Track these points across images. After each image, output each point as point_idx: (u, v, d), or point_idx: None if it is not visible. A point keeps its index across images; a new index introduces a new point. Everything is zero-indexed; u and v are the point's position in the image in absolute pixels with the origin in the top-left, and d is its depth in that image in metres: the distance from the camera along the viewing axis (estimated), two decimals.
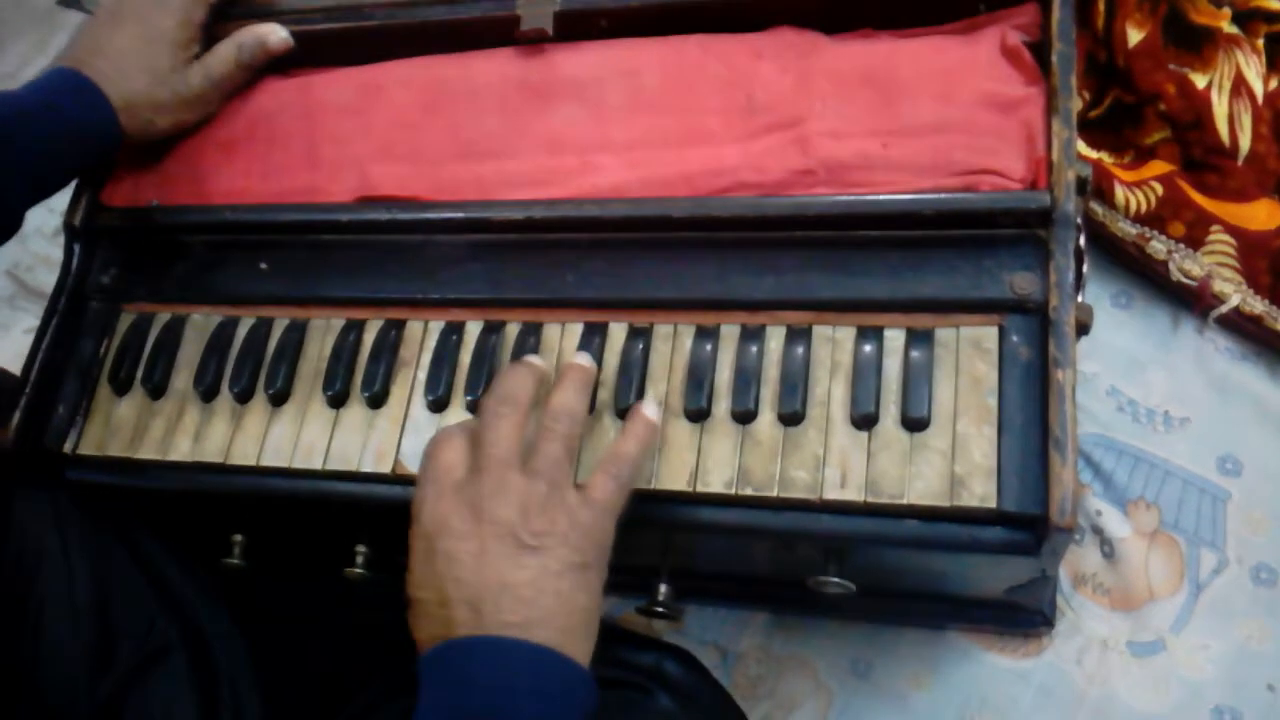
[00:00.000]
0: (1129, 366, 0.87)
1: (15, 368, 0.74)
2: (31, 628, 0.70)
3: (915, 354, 0.60)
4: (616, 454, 0.57)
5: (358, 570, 0.71)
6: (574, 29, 0.73)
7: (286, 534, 0.77)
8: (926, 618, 0.81)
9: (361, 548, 0.71)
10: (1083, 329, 0.59)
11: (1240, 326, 0.85)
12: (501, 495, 0.53)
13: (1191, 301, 0.86)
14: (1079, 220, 0.61)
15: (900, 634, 0.83)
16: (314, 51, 0.78)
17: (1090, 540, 0.83)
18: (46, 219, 1.21)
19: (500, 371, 0.60)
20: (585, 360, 0.61)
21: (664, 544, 0.68)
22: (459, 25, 0.75)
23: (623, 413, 0.62)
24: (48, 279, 1.19)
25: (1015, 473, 0.56)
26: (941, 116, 0.64)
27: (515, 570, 0.51)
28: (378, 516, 0.69)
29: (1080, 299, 0.60)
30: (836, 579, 0.62)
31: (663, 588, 0.68)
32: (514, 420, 0.56)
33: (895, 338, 0.61)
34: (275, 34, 0.77)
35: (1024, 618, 0.78)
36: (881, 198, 0.63)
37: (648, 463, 0.61)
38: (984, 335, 0.60)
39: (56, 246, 1.17)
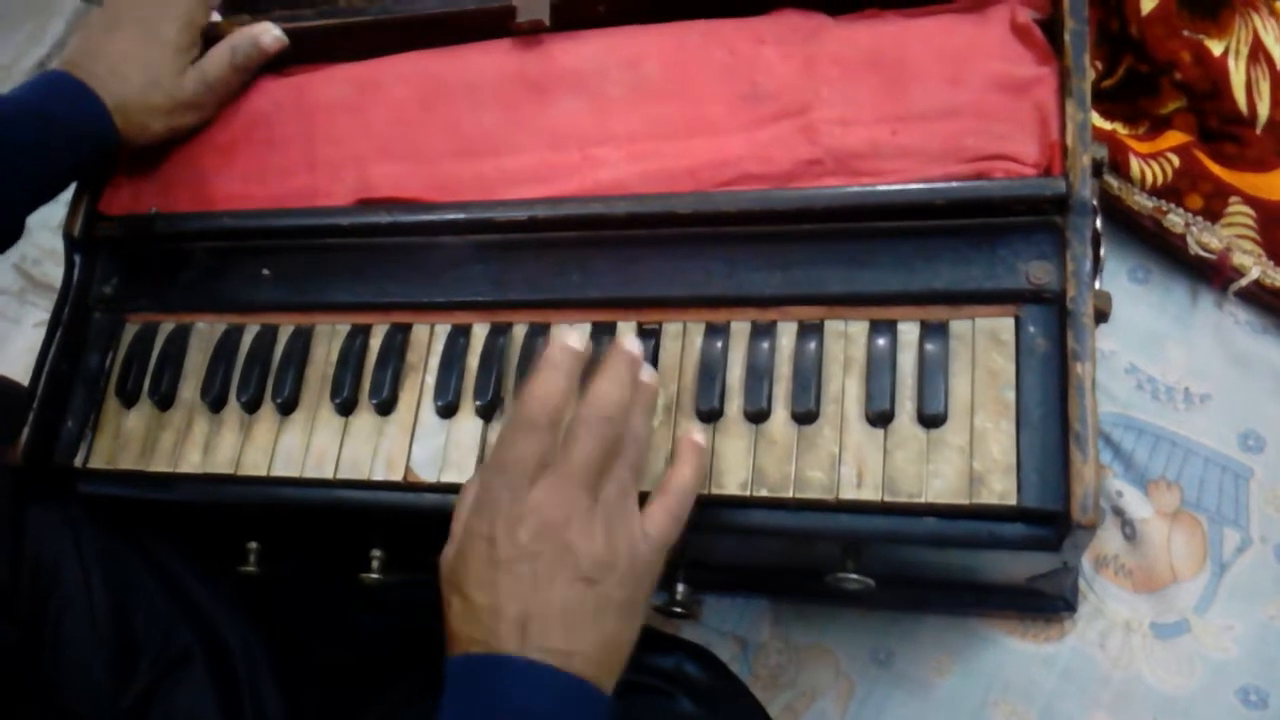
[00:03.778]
0: (1147, 343, 0.86)
1: (28, 361, 0.74)
2: (51, 640, 0.71)
3: (930, 347, 0.59)
4: (676, 487, 0.56)
5: (373, 575, 0.71)
6: (572, 18, 0.71)
7: (301, 541, 0.77)
8: (947, 605, 0.80)
9: (376, 553, 0.71)
10: (1101, 317, 0.58)
11: (1261, 299, 0.84)
12: (574, 520, 0.52)
13: (1210, 275, 0.85)
14: (1095, 203, 0.59)
15: (921, 621, 0.82)
16: (308, 48, 0.77)
17: (1111, 522, 0.82)
18: (52, 211, 1.19)
19: (601, 372, 0.56)
20: (650, 378, 0.58)
21: (680, 545, 0.67)
22: (454, 18, 0.73)
23: None
24: (55, 272, 1.18)
25: (1035, 469, 0.55)
26: (951, 100, 0.63)
27: (569, 599, 0.51)
28: (391, 523, 0.69)
29: (1098, 285, 0.59)
30: (855, 575, 0.62)
31: (680, 587, 0.68)
32: (606, 441, 0.54)
33: (909, 331, 0.60)
34: (269, 33, 0.75)
35: (1046, 603, 0.78)
36: (891, 188, 0.61)
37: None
38: (1000, 326, 0.59)
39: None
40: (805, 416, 0.60)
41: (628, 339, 0.58)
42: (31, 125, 0.68)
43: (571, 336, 0.56)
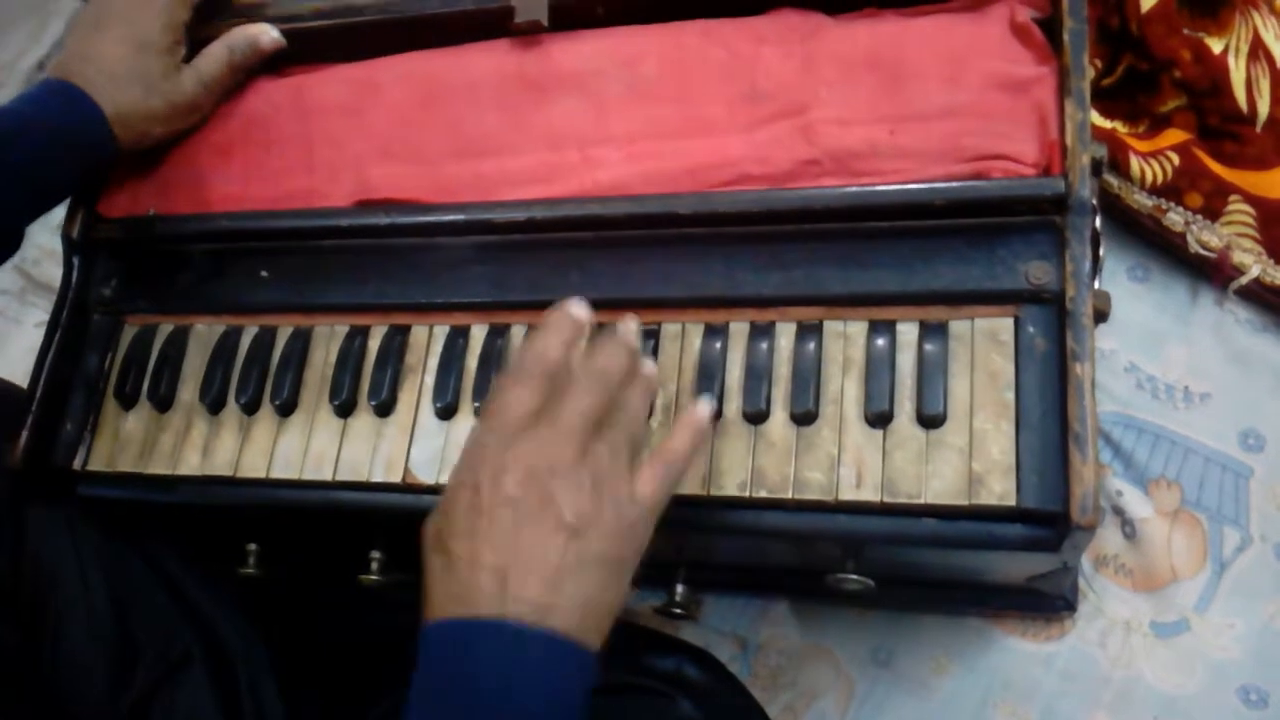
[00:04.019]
0: (1147, 341, 0.85)
1: (28, 361, 0.74)
2: (51, 643, 0.71)
3: (929, 347, 0.59)
4: (668, 450, 0.55)
5: (373, 577, 0.71)
6: (570, 19, 0.71)
7: (300, 542, 0.77)
8: (947, 605, 0.80)
9: (376, 554, 0.71)
10: (1100, 317, 0.58)
11: (1261, 298, 0.83)
12: (560, 471, 0.51)
13: (1210, 273, 0.84)
14: (1094, 203, 0.59)
15: (921, 621, 0.82)
16: (306, 49, 0.77)
17: (1111, 521, 0.82)
18: (52, 211, 1.20)
19: (600, 339, 0.56)
20: (651, 370, 0.58)
21: (679, 545, 0.67)
22: (453, 18, 0.73)
23: None
24: (55, 272, 1.18)
25: (1034, 469, 0.55)
26: (950, 100, 0.63)
27: (551, 551, 0.50)
28: (391, 524, 0.69)
29: (1097, 284, 0.59)
30: (855, 576, 0.62)
31: (680, 588, 0.68)
32: (599, 399, 0.53)
33: (908, 331, 0.60)
34: (266, 34, 0.75)
35: (1045, 602, 0.78)
36: (890, 188, 0.61)
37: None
38: (999, 327, 0.59)
39: None
40: (804, 417, 0.59)
41: (628, 322, 0.58)
42: (35, 136, 0.68)
43: (574, 303, 0.56)
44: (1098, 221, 0.59)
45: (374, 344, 0.69)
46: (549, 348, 0.54)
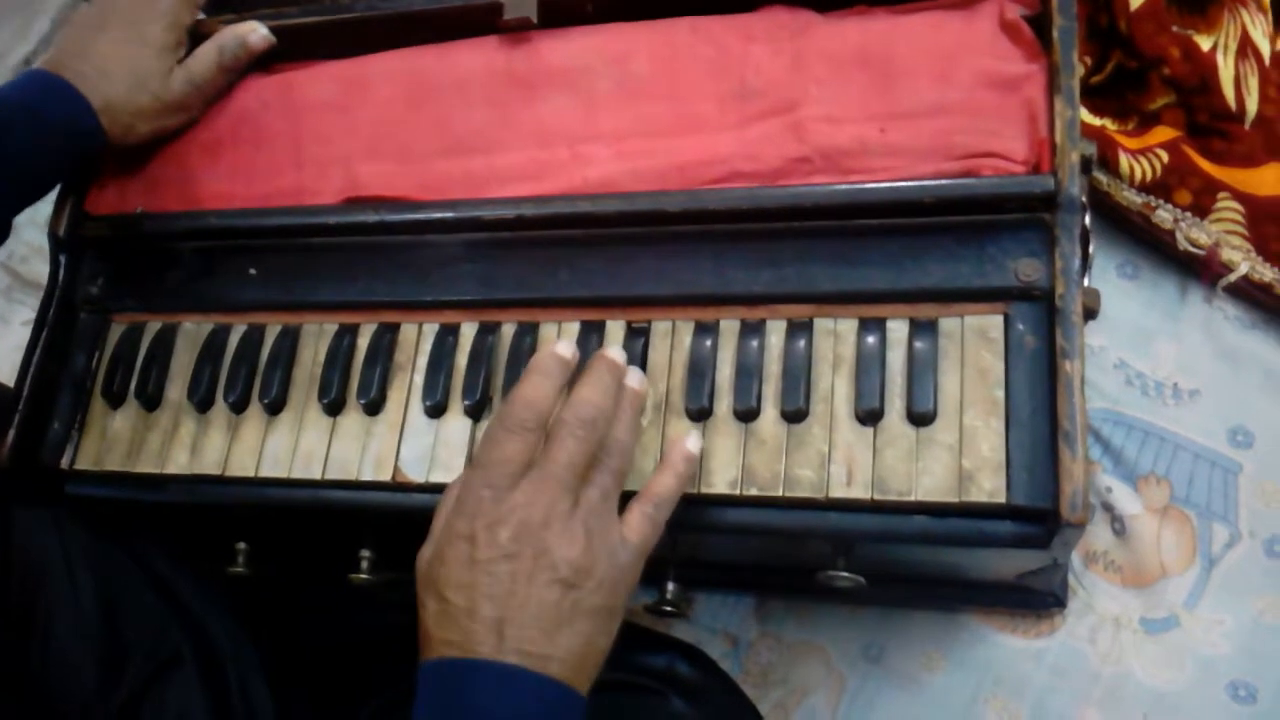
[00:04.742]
0: (1136, 338, 0.86)
1: (15, 359, 0.73)
2: (40, 642, 0.70)
3: (919, 345, 0.59)
4: (655, 491, 0.56)
5: (362, 576, 0.70)
6: (559, 15, 0.71)
7: (290, 541, 0.77)
8: (937, 601, 0.81)
9: (365, 553, 0.71)
10: (1090, 314, 0.58)
11: (1249, 295, 0.84)
12: (553, 523, 0.52)
13: (1199, 270, 0.85)
14: (1084, 200, 0.59)
15: (911, 617, 0.82)
16: (295, 46, 0.76)
17: (1101, 517, 0.82)
18: (40, 208, 1.18)
19: (584, 378, 0.57)
20: (638, 384, 0.59)
21: (670, 543, 0.67)
22: (442, 15, 0.73)
23: None
24: (43, 270, 1.17)
25: (1024, 467, 0.55)
26: (940, 98, 0.63)
27: (546, 601, 0.51)
28: (380, 523, 0.69)
29: (1087, 282, 0.59)
30: (846, 573, 0.62)
31: (671, 585, 0.67)
32: (587, 446, 0.54)
33: (898, 329, 0.60)
34: (256, 32, 0.75)
35: (1036, 599, 0.78)
36: (880, 186, 0.61)
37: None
38: (989, 324, 0.59)
39: None
40: (795, 415, 0.59)
41: (612, 348, 0.59)
42: (19, 126, 0.68)
43: (560, 345, 0.58)
44: (1087, 219, 0.60)
45: (363, 342, 0.68)
46: (537, 396, 0.55)
